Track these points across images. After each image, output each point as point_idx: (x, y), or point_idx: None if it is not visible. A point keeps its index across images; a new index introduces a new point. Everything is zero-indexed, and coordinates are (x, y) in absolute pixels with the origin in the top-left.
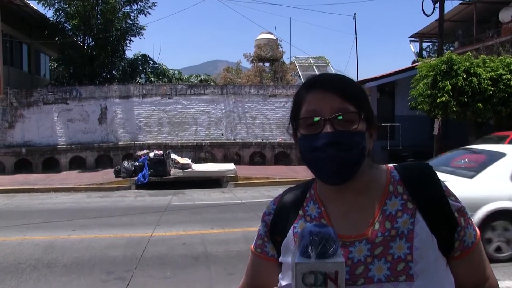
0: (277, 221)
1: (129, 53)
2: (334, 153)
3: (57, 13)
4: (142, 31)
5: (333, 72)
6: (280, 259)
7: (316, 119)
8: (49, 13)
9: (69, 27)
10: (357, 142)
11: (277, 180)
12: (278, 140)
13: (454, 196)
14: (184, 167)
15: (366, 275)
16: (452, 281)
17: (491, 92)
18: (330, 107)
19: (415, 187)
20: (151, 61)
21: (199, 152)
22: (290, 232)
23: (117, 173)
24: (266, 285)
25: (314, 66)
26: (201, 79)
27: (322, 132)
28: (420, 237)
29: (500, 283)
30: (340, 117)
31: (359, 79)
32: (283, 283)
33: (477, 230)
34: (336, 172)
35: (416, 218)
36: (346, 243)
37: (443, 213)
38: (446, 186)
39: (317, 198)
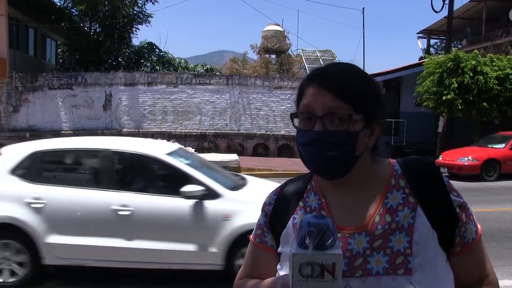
0: (277, 212)
1: (136, 41)
2: (319, 151)
3: None
4: (149, 19)
5: (342, 62)
6: (279, 249)
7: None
8: None
9: (76, 13)
10: (344, 143)
11: (279, 172)
12: (282, 133)
13: (456, 191)
14: None
15: (365, 267)
16: (451, 277)
17: (497, 92)
18: (322, 105)
19: (417, 181)
20: (157, 49)
21: (203, 141)
22: (290, 222)
23: None
24: (264, 275)
25: (320, 59)
26: (207, 68)
27: (312, 130)
28: (420, 232)
29: (499, 282)
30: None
31: None
32: (282, 273)
33: (479, 226)
34: (323, 169)
35: (417, 212)
36: (346, 234)
37: (444, 208)
38: (448, 181)
39: (318, 189)
